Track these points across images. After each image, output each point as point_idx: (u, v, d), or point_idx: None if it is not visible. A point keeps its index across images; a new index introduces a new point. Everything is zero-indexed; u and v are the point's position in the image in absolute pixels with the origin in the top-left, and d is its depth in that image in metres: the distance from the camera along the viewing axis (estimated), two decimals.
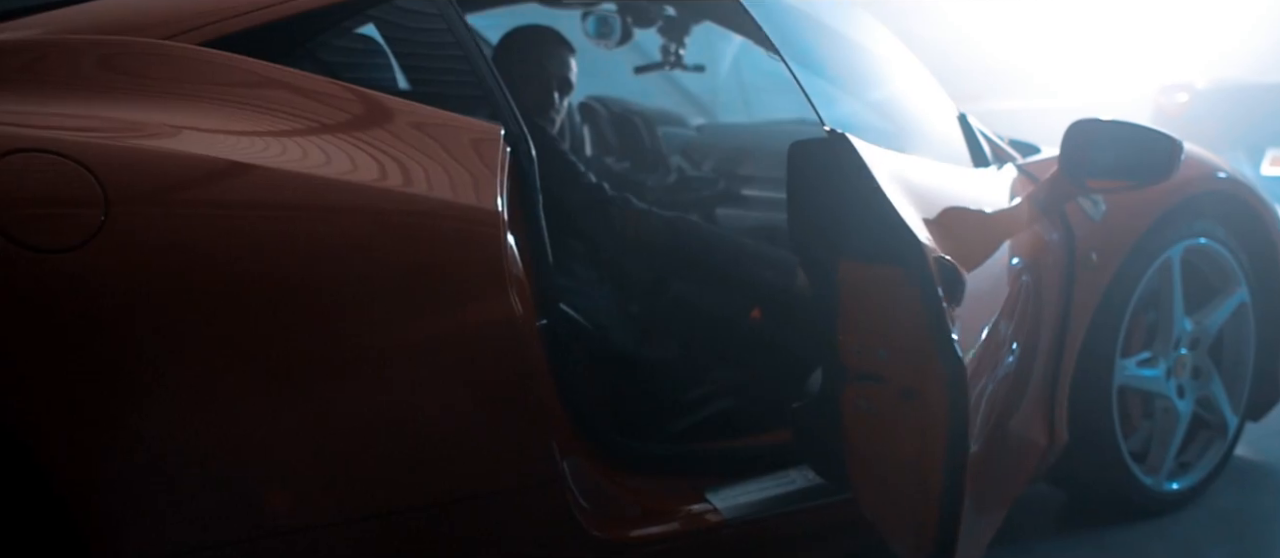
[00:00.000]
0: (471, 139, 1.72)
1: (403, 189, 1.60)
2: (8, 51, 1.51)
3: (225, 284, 1.42)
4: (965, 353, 1.59)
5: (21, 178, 1.30)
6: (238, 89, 1.59)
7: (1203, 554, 2.57)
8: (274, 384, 1.46)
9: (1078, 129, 2.33)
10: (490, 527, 1.70)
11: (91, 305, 1.32)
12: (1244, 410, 2.84)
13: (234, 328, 1.42)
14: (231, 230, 1.44)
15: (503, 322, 1.63)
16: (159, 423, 1.36)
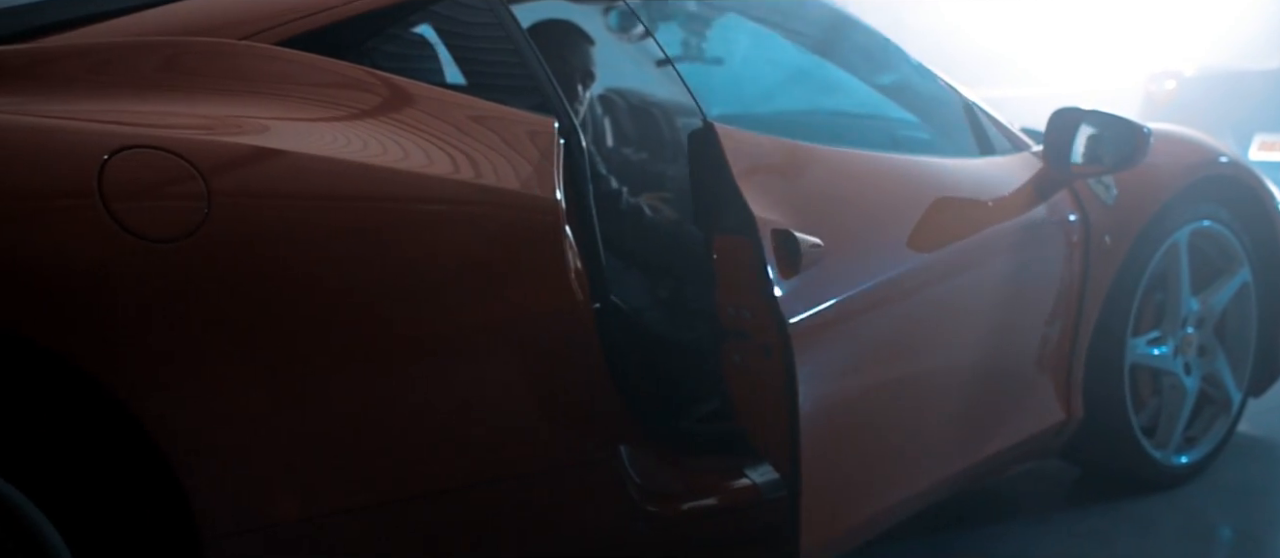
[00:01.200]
0: (528, 131, 1.80)
1: (470, 181, 1.68)
2: (104, 54, 1.58)
3: (312, 271, 1.50)
4: (804, 315, 1.73)
5: (134, 173, 1.38)
6: (314, 87, 1.67)
7: (1211, 525, 2.68)
8: (353, 364, 1.54)
9: (1059, 117, 2.44)
10: (550, 502, 1.78)
11: (198, 291, 1.40)
12: (1247, 387, 2.95)
13: (319, 311, 1.50)
14: (317, 221, 1.52)
15: (562, 307, 1.72)
16: (254, 397, 1.45)
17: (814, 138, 2.37)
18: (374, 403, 1.55)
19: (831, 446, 1.84)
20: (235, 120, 1.54)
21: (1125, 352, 2.62)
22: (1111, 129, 2.40)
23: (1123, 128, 2.40)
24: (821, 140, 2.34)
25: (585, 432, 1.78)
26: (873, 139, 2.54)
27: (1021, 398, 2.45)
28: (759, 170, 1.85)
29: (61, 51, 1.58)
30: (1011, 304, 2.39)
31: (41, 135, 1.37)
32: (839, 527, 1.88)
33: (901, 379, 2.06)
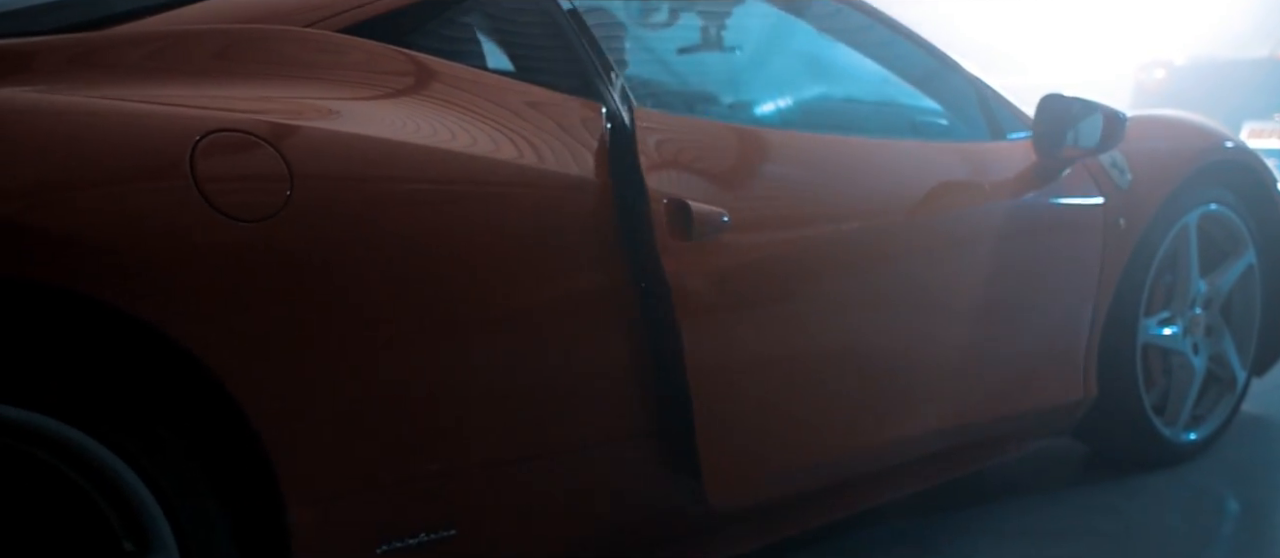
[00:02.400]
0: (580, 117, 1.87)
1: (529, 165, 1.74)
2: (184, 41, 1.64)
3: (383, 249, 1.56)
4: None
5: (222, 156, 1.43)
6: (377, 74, 1.73)
7: (1218, 498, 2.76)
8: (418, 338, 1.59)
9: (1047, 103, 2.52)
10: (590, 477, 1.84)
11: (280, 269, 1.45)
12: (1251, 366, 3.04)
13: (389, 288, 1.56)
14: (387, 202, 1.58)
15: (609, 286, 1.78)
16: (331, 368, 1.51)
17: (828, 125, 2.45)
18: (437, 376, 1.61)
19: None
20: (308, 105, 1.59)
21: (1138, 332, 2.70)
22: (1093, 114, 2.49)
23: (1103, 113, 2.48)
24: (836, 128, 2.42)
25: (632, 404, 1.84)
26: (888, 126, 2.61)
27: (1035, 373, 2.53)
28: (677, 149, 1.92)
29: (134, 38, 1.63)
30: (1026, 281, 2.47)
31: (136, 120, 1.42)
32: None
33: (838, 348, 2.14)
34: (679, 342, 1.81)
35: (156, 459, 1.38)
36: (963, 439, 2.46)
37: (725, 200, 1.91)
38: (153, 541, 1.40)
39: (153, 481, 1.38)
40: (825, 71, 2.62)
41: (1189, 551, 2.45)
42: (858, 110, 2.66)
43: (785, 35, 2.58)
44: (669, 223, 1.80)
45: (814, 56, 2.60)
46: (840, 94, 2.65)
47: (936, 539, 2.46)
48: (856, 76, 2.62)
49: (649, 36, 2.47)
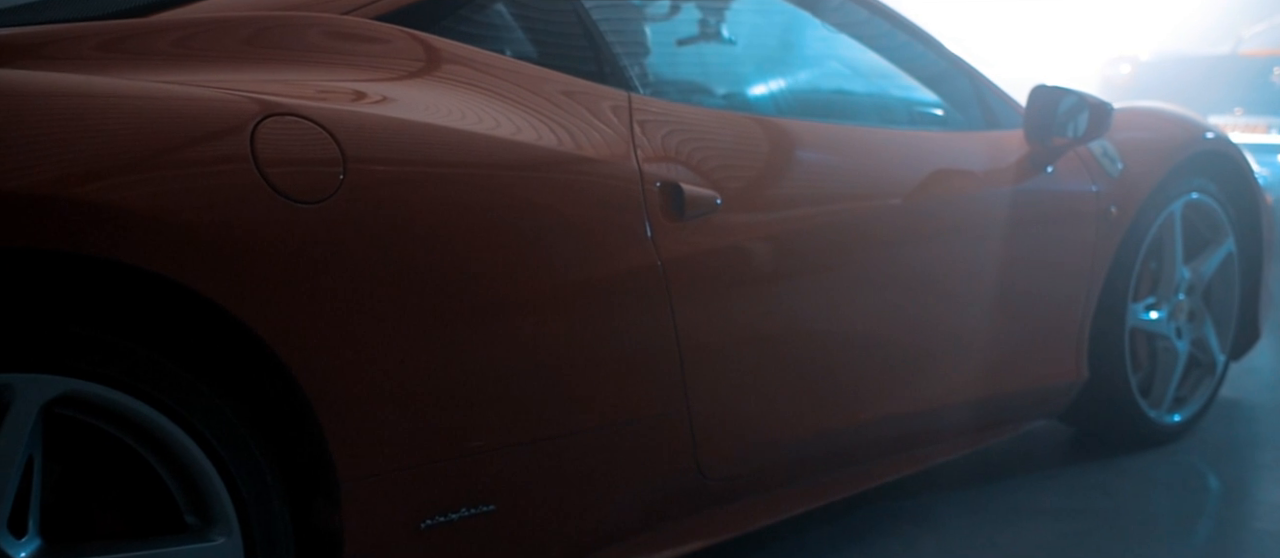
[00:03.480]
0: (610, 105, 1.92)
1: (566, 150, 1.79)
2: (231, 26, 1.67)
3: (429, 232, 1.60)
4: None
5: (280, 139, 1.47)
6: (419, 61, 1.77)
7: (1202, 476, 2.86)
8: (464, 318, 1.63)
9: (1037, 93, 2.61)
10: (623, 453, 1.89)
11: (336, 250, 1.49)
12: (1229, 350, 3.14)
13: (435, 269, 1.60)
14: (432, 186, 1.62)
15: (642, 267, 1.84)
16: (384, 348, 1.55)
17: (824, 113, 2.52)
18: (478, 355, 1.66)
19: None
20: (354, 91, 1.63)
21: (1126, 316, 2.79)
22: (1082, 104, 2.57)
23: (1090, 103, 2.57)
24: (832, 116, 2.49)
25: (663, 382, 1.89)
26: (884, 115, 2.68)
27: (1031, 355, 2.61)
28: (674, 136, 1.98)
29: (163, 26, 1.66)
30: (1023, 266, 2.55)
31: (196, 103, 1.45)
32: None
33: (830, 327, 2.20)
34: (674, 318, 1.87)
35: (219, 435, 1.42)
36: (960, 420, 2.53)
37: (720, 184, 1.97)
38: (214, 514, 1.43)
39: (215, 455, 1.41)
40: (821, 61, 2.68)
41: (1177, 526, 2.54)
42: (853, 99, 2.73)
43: (783, 25, 2.64)
44: (662, 205, 1.86)
45: (810, 46, 2.66)
46: (836, 83, 2.71)
47: (939, 518, 2.54)
48: (852, 66, 2.69)
49: (652, 27, 2.52)
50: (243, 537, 1.45)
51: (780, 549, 2.35)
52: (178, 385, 1.38)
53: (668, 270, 1.86)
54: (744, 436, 2.06)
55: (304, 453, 1.52)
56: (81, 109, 1.36)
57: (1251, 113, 6.51)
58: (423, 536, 1.62)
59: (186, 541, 1.42)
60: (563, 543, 1.84)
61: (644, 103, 1.99)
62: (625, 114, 1.94)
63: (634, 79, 2.03)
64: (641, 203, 1.85)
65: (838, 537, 2.42)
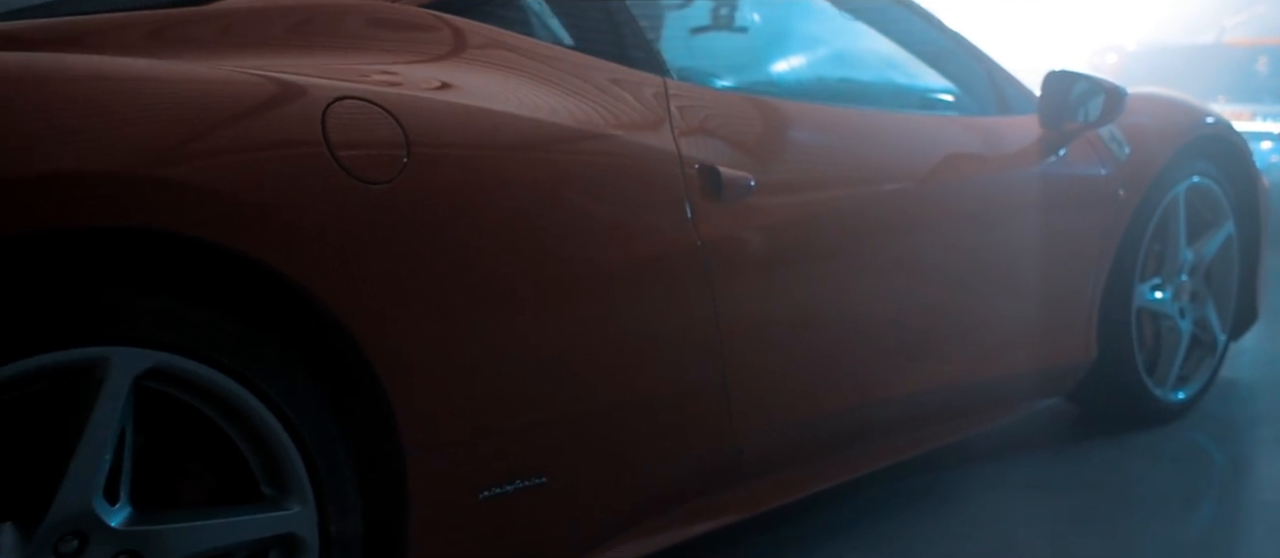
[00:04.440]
0: (649, 90, 1.98)
1: (611, 134, 1.85)
2: (273, 15, 1.72)
3: (487, 215, 1.65)
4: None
5: (348, 122, 1.52)
6: (471, 48, 1.83)
7: (1207, 451, 2.94)
8: (520, 295, 1.69)
9: (1052, 79, 2.68)
10: (665, 427, 1.95)
11: (402, 231, 1.54)
12: (1229, 330, 3.23)
13: (496, 251, 1.65)
14: (491, 168, 1.67)
15: (690, 246, 1.90)
16: (447, 324, 1.60)
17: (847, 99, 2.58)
18: (533, 331, 1.71)
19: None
20: (409, 76, 1.69)
21: (1133, 297, 2.87)
22: (1097, 88, 2.65)
23: (1106, 88, 2.64)
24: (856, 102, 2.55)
25: (700, 356, 1.95)
26: (905, 101, 2.75)
27: (1043, 334, 2.69)
28: (709, 121, 2.04)
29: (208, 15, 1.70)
30: (1037, 247, 2.62)
31: (271, 88, 1.50)
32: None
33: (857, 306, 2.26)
34: (713, 296, 1.93)
35: (296, 407, 1.47)
36: (977, 397, 2.60)
37: (752, 167, 2.03)
38: (290, 484, 1.48)
39: (292, 427, 1.46)
40: (843, 47, 2.75)
41: (1186, 499, 2.62)
42: (875, 85, 2.80)
43: (805, 12, 2.70)
44: (701, 187, 1.92)
45: (832, 32, 2.73)
46: (858, 69, 2.78)
47: (955, 493, 2.61)
48: (872, 52, 2.76)
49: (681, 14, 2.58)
50: (317, 505, 1.50)
51: (806, 523, 2.42)
52: (258, 360, 1.43)
53: (707, 250, 1.92)
54: (778, 411, 2.12)
55: (372, 425, 1.57)
56: (170, 93, 1.40)
57: (1235, 101, 6.61)
58: (481, 506, 1.68)
59: (264, 509, 1.47)
60: (607, 516, 1.90)
61: (679, 88, 2.04)
62: (663, 99, 1.99)
63: (668, 65, 2.09)
64: (682, 185, 1.91)
65: (861, 510, 2.49)
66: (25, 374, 1.26)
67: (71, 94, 1.33)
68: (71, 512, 1.30)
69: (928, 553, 2.29)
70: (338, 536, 1.53)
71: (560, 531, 1.83)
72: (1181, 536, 2.42)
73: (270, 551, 1.50)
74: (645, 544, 1.98)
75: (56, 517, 1.29)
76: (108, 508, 1.34)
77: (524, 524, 1.76)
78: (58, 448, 1.29)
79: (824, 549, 2.30)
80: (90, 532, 1.33)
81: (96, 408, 1.30)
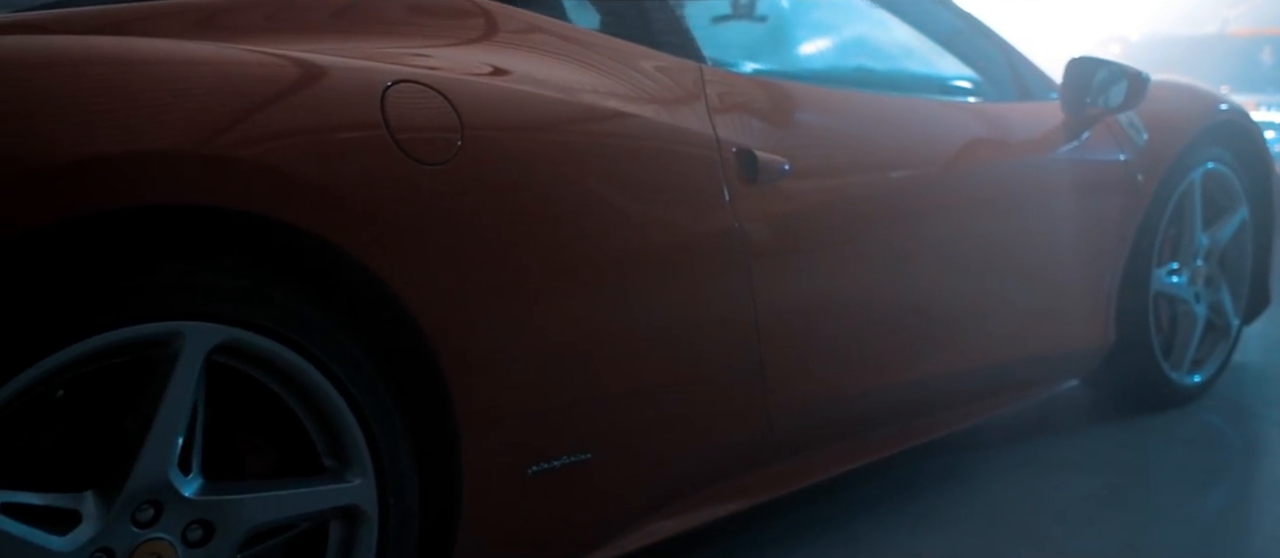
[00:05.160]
0: (686, 75, 2.02)
1: (653, 118, 1.89)
2: (318, 2, 1.76)
3: (538, 198, 1.69)
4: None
5: (407, 104, 1.55)
6: (511, 33, 1.87)
7: (1222, 432, 2.99)
8: (572, 277, 1.73)
9: (1075, 65, 2.72)
10: (702, 407, 1.99)
11: (457, 212, 1.58)
12: (1242, 315, 3.27)
13: (546, 232, 1.69)
14: (540, 150, 1.71)
15: (728, 228, 1.94)
16: (499, 303, 1.63)
17: (874, 85, 2.62)
18: (581, 309, 1.75)
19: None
20: (458, 60, 1.72)
21: (1151, 281, 2.91)
22: (1119, 75, 2.69)
23: (1129, 74, 2.69)
24: (882, 88, 2.59)
25: (735, 334, 1.99)
26: (929, 87, 2.79)
27: (1066, 318, 2.73)
28: (743, 106, 2.08)
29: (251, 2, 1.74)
30: (1061, 232, 2.66)
31: (334, 71, 1.54)
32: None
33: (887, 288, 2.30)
34: (750, 277, 1.97)
35: (357, 382, 1.50)
36: (1000, 379, 2.65)
37: (785, 151, 2.07)
38: (351, 459, 1.52)
39: (353, 402, 1.50)
40: (868, 34, 2.79)
41: (1206, 478, 2.67)
42: (901, 71, 2.84)
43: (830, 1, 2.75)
44: (738, 170, 1.96)
45: (857, 20, 2.77)
46: (883, 55, 2.82)
47: (979, 473, 2.65)
48: (897, 39, 2.80)
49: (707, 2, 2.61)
50: (376, 479, 1.54)
51: (834, 503, 2.46)
52: (323, 336, 1.47)
53: (745, 232, 1.96)
54: (809, 392, 2.16)
55: (428, 401, 1.60)
56: (240, 76, 1.44)
57: (1239, 91, 6.66)
58: (530, 481, 1.72)
59: (326, 481, 1.51)
60: (647, 493, 1.94)
61: (713, 73, 2.08)
62: (699, 84, 2.03)
63: (703, 51, 2.13)
64: (720, 168, 1.95)
65: (888, 490, 2.54)
66: (106, 348, 1.30)
67: (149, 75, 1.37)
68: (148, 482, 1.34)
69: (955, 531, 2.33)
70: (396, 508, 1.57)
71: (604, 506, 1.87)
72: (1203, 513, 2.47)
73: (331, 523, 1.54)
74: (682, 521, 2.02)
75: (135, 486, 1.33)
76: (182, 478, 1.37)
77: (569, 500, 1.80)
78: (136, 420, 1.33)
79: (851, 527, 2.34)
80: (165, 501, 1.37)
81: (172, 381, 1.34)
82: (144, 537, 1.36)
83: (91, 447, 1.34)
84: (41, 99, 1.27)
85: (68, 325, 1.26)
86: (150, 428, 1.33)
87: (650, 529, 1.96)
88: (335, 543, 1.54)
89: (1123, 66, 2.68)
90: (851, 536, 2.31)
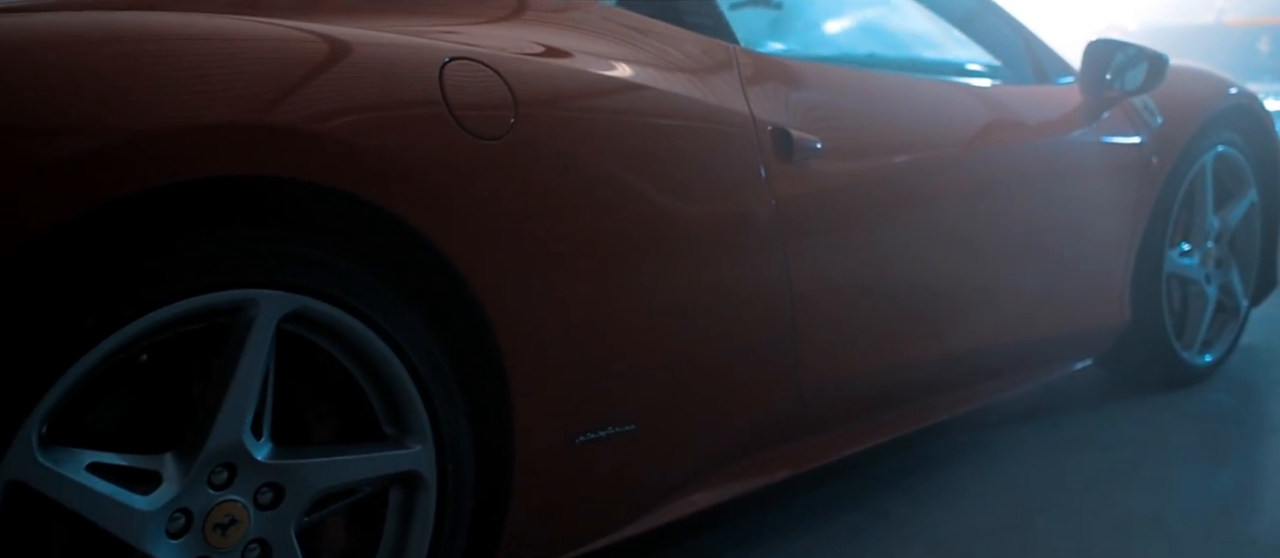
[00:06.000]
0: (722, 56, 2.06)
1: (694, 96, 1.93)
2: None
3: (587, 171, 1.73)
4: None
5: (463, 80, 1.59)
6: (562, 14, 1.91)
7: (1234, 410, 3.04)
8: (619, 250, 1.77)
9: (1095, 47, 2.77)
10: (733, 381, 2.03)
11: (512, 185, 1.61)
12: (1251, 297, 3.33)
13: (595, 207, 1.73)
14: (589, 128, 1.74)
15: (765, 205, 1.98)
16: (549, 272, 1.67)
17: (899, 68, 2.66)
18: (628, 282, 1.78)
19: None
20: (503, 38, 1.76)
21: (1164, 262, 2.96)
22: (1139, 58, 2.74)
23: (1149, 56, 2.74)
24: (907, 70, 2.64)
25: (772, 308, 2.03)
26: (953, 70, 2.83)
27: (1084, 297, 2.78)
28: (775, 86, 2.12)
29: None
30: (1080, 212, 2.71)
31: (393, 49, 1.57)
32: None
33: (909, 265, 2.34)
34: (785, 253, 2.01)
35: (417, 351, 1.54)
36: (1021, 357, 2.69)
37: (817, 130, 2.12)
38: (412, 425, 1.56)
39: (414, 370, 1.54)
40: (890, 17, 2.83)
41: (1220, 454, 2.72)
42: (923, 53, 2.88)
43: None
44: (774, 148, 2.00)
45: (881, 4, 2.81)
46: (907, 38, 2.87)
47: (1000, 449, 2.70)
48: (919, 22, 2.85)
49: None
50: (435, 445, 1.58)
51: (859, 477, 2.51)
52: (385, 305, 1.51)
53: (780, 209, 2.00)
54: (839, 367, 2.20)
55: (482, 371, 1.64)
56: (304, 52, 1.47)
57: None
58: (578, 450, 1.76)
59: (388, 447, 1.55)
60: (688, 464, 1.98)
61: (745, 54, 2.12)
62: (733, 64, 2.07)
63: (735, 32, 2.17)
64: (757, 147, 1.99)
65: (912, 465, 2.58)
66: (187, 314, 1.33)
67: (212, 50, 1.40)
68: (224, 444, 1.38)
69: (978, 506, 2.38)
70: (453, 475, 1.60)
71: (646, 476, 1.91)
72: (1220, 487, 2.52)
73: (391, 489, 1.58)
74: (718, 493, 2.06)
75: (212, 448, 1.37)
76: (254, 442, 1.41)
77: (613, 469, 1.84)
78: (213, 385, 1.37)
79: (876, 502, 2.39)
80: (239, 464, 1.41)
81: (247, 347, 1.37)
82: (219, 499, 1.40)
83: (170, 411, 1.38)
84: (130, 72, 1.30)
85: (157, 290, 1.29)
86: (227, 393, 1.37)
87: (688, 500, 2.00)
88: (395, 509, 1.58)
89: (1142, 49, 2.73)
90: (877, 510, 2.36)
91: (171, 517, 1.36)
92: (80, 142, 1.24)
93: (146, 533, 1.32)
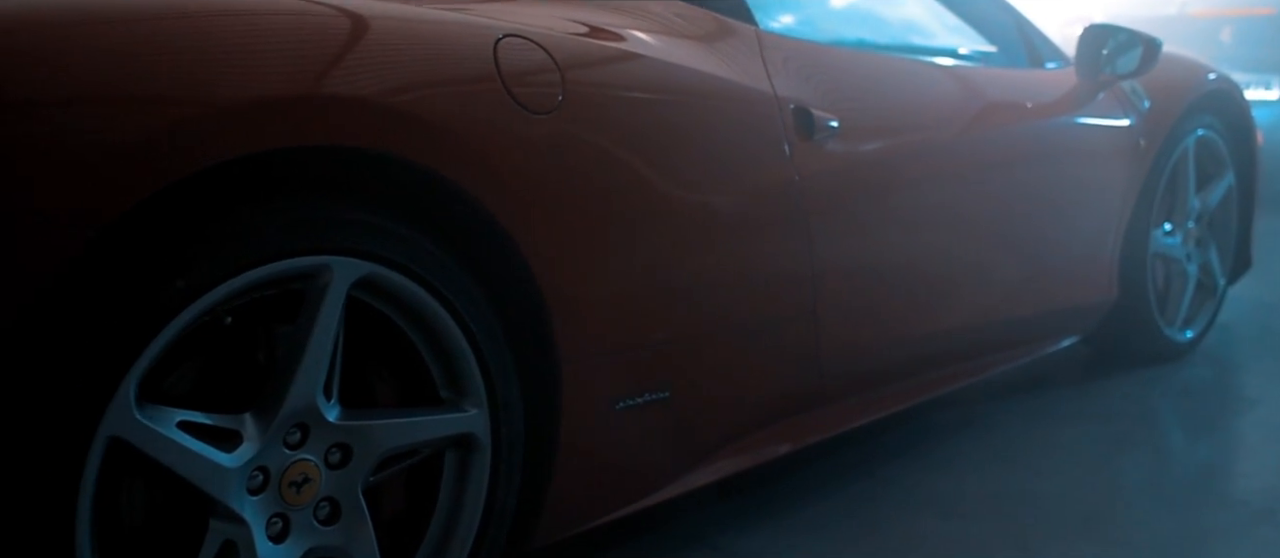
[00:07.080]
0: (745, 38, 2.13)
1: (723, 76, 2.00)
2: None
3: (629, 147, 1.78)
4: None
5: (516, 57, 1.65)
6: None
7: (1215, 383, 3.16)
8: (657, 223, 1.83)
9: (1091, 32, 2.87)
10: (760, 352, 2.10)
11: (560, 156, 1.67)
12: (1228, 276, 3.45)
13: (639, 181, 1.80)
14: (630, 105, 1.81)
15: (789, 181, 2.05)
16: (596, 243, 1.73)
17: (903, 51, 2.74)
18: (667, 254, 1.85)
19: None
20: (542, 17, 1.82)
21: (1149, 241, 3.07)
22: (1134, 42, 2.84)
23: (1144, 40, 2.84)
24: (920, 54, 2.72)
25: (795, 283, 2.10)
26: (941, 53, 2.92)
27: (1077, 274, 2.88)
28: (795, 66, 2.19)
29: None
30: (1075, 191, 2.81)
31: (449, 26, 1.63)
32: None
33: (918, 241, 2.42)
34: (808, 227, 2.09)
35: (475, 318, 1.60)
36: (1018, 332, 2.79)
37: (834, 109, 2.19)
38: (468, 390, 1.62)
39: (471, 337, 1.60)
40: (890, 3, 2.91)
41: (1205, 423, 2.84)
42: (928, 37, 2.96)
43: None
44: (796, 126, 2.08)
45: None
46: (912, 22, 2.95)
47: (998, 421, 2.80)
48: (917, 8, 2.93)
49: None
50: (489, 409, 1.64)
51: (868, 447, 2.59)
52: (446, 273, 1.56)
53: (804, 185, 2.08)
54: (856, 340, 2.28)
55: (532, 338, 1.70)
56: (378, 29, 1.52)
57: None
58: (618, 415, 1.82)
59: (447, 410, 1.61)
60: (717, 431, 2.05)
61: (767, 37, 2.19)
62: (756, 46, 2.14)
63: (756, 15, 2.24)
64: (781, 125, 2.06)
65: (918, 435, 2.67)
66: (268, 278, 1.38)
67: (277, 25, 1.44)
68: (299, 406, 1.43)
69: (980, 473, 2.47)
70: (506, 437, 1.66)
71: (678, 442, 1.97)
72: (1209, 455, 2.64)
73: (447, 452, 1.64)
74: (743, 460, 2.13)
75: (289, 409, 1.42)
76: (326, 404, 1.46)
77: (649, 435, 1.91)
78: (290, 347, 1.42)
79: (882, 471, 2.47)
80: (312, 425, 1.46)
81: (322, 311, 1.42)
82: (293, 458, 1.45)
83: (240, 374, 1.43)
84: (218, 47, 1.35)
85: (244, 254, 1.34)
86: (303, 355, 1.42)
87: (715, 466, 2.07)
88: (450, 470, 1.64)
89: (1136, 33, 2.83)
90: (884, 479, 2.44)
91: (251, 474, 1.41)
92: (181, 111, 1.29)
93: (231, 489, 1.37)
